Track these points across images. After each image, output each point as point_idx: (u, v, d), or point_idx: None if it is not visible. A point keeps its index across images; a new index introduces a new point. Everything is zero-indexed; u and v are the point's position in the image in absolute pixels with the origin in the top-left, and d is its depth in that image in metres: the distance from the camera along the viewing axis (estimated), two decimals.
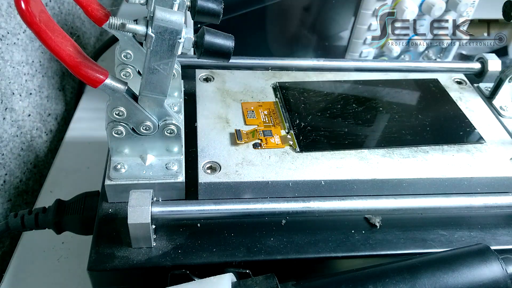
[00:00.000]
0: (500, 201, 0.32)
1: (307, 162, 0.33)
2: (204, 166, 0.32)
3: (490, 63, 0.43)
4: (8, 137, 0.43)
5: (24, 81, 0.46)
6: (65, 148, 0.51)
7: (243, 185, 0.31)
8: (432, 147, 0.35)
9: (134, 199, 0.27)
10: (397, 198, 0.31)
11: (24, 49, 0.46)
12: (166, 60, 0.26)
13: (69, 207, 0.33)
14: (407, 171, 0.33)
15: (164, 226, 0.30)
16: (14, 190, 0.45)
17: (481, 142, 0.36)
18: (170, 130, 0.30)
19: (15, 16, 0.43)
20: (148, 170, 0.30)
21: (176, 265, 0.28)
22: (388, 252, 0.30)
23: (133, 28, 0.25)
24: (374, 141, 0.35)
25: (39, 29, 0.22)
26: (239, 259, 0.28)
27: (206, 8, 0.30)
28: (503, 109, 0.41)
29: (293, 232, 0.30)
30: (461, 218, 0.33)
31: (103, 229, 0.29)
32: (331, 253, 0.29)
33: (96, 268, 0.27)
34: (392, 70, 0.44)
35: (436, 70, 0.45)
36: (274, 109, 0.38)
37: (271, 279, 0.24)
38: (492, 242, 0.30)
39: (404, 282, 0.24)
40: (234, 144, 0.34)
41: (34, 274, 0.38)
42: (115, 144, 0.30)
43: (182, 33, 0.25)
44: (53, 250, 0.40)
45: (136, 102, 0.28)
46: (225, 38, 0.27)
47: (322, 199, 0.30)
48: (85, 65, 0.25)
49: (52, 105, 0.54)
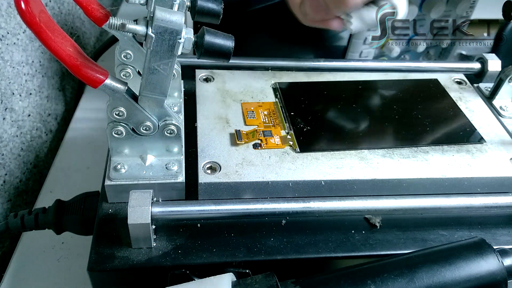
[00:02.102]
0: (500, 201, 0.32)
1: (307, 162, 0.33)
2: (204, 166, 0.32)
3: (490, 63, 0.43)
4: (8, 137, 0.43)
5: (24, 81, 0.46)
6: (65, 148, 0.51)
7: (243, 185, 0.31)
8: (432, 147, 0.35)
9: (134, 199, 0.27)
10: (397, 198, 0.31)
11: (24, 49, 0.46)
12: (166, 60, 0.26)
13: (69, 207, 0.33)
14: (407, 171, 0.33)
15: (164, 227, 0.30)
16: (14, 190, 0.45)
17: (481, 142, 0.36)
18: (170, 130, 0.30)
19: (15, 16, 0.43)
20: (148, 170, 0.30)
21: (176, 265, 0.28)
22: (388, 252, 0.30)
23: (133, 28, 0.25)
24: (374, 141, 0.35)
25: (39, 29, 0.22)
26: (239, 259, 0.28)
27: (206, 8, 0.30)
28: (503, 109, 0.41)
29: (293, 232, 0.30)
30: (461, 218, 0.33)
31: (103, 230, 0.29)
32: (331, 253, 0.29)
33: (96, 268, 0.27)
34: (392, 70, 0.44)
35: (436, 70, 0.45)
36: (274, 109, 0.38)
37: (271, 278, 0.24)
38: (492, 242, 0.29)
39: (402, 276, 0.24)
40: (234, 144, 0.34)
41: (34, 274, 0.38)
42: (115, 144, 0.30)
43: (182, 33, 0.25)
44: (53, 250, 0.40)
45: (136, 102, 0.28)
46: (225, 38, 0.27)
47: (322, 199, 0.30)
48: (85, 65, 0.25)
49: (52, 105, 0.54)
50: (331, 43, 0.57)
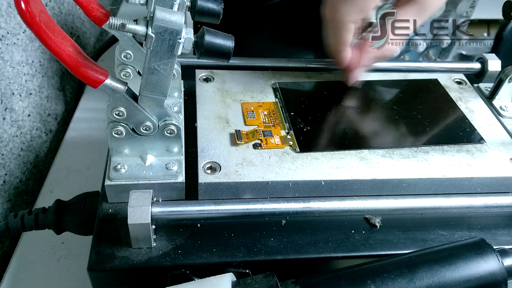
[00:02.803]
0: (500, 201, 0.32)
1: (307, 162, 0.33)
2: (204, 166, 0.32)
3: (490, 63, 0.43)
4: (8, 137, 0.43)
5: (24, 81, 0.46)
6: (65, 148, 0.51)
7: (243, 185, 0.31)
8: (432, 147, 0.35)
9: (134, 200, 0.27)
10: (397, 198, 0.31)
11: (24, 49, 0.46)
12: (166, 60, 0.26)
13: (69, 208, 0.33)
14: (407, 171, 0.33)
15: (164, 226, 0.30)
16: (14, 190, 0.45)
17: (481, 142, 0.36)
18: (170, 130, 0.30)
19: (15, 16, 0.43)
20: (148, 170, 0.30)
21: (176, 265, 0.28)
22: (388, 252, 0.30)
23: (133, 28, 0.25)
24: (374, 141, 0.35)
25: (39, 29, 0.22)
26: (239, 259, 0.28)
27: (206, 8, 0.30)
28: (503, 109, 0.41)
29: (293, 232, 0.30)
30: (461, 218, 0.33)
31: (103, 230, 0.29)
32: (331, 253, 0.29)
33: (96, 268, 0.27)
34: (392, 70, 0.44)
35: (436, 70, 0.45)
36: (274, 109, 0.38)
37: (271, 277, 0.24)
38: (492, 242, 0.29)
39: (402, 276, 0.24)
40: (234, 144, 0.34)
41: (34, 274, 0.38)
42: (115, 144, 0.30)
43: (182, 33, 0.25)
44: (53, 250, 0.40)
45: (136, 102, 0.28)
46: (225, 38, 0.27)
47: (322, 199, 0.30)
48: (85, 65, 0.25)
49: (52, 105, 0.54)
50: None
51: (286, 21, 0.53)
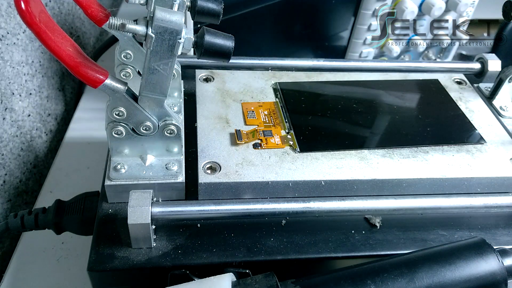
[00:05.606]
0: (500, 201, 0.32)
1: (307, 162, 0.33)
2: (204, 166, 0.32)
3: (490, 63, 0.43)
4: (8, 137, 0.43)
5: (24, 81, 0.46)
6: (65, 148, 0.51)
7: (243, 185, 0.31)
8: (432, 147, 0.35)
9: (134, 200, 0.27)
10: (397, 198, 0.31)
11: (24, 49, 0.46)
12: (166, 60, 0.26)
13: (69, 208, 0.33)
14: (407, 171, 0.33)
15: (164, 227, 0.30)
16: (14, 190, 0.45)
17: (481, 142, 0.36)
18: (170, 130, 0.30)
19: (15, 16, 0.43)
20: (148, 170, 0.30)
21: (176, 265, 0.28)
22: (388, 252, 0.30)
23: (133, 28, 0.25)
24: (374, 141, 0.35)
25: (39, 29, 0.22)
26: (239, 259, 0.28)
27: (206, 8, 0.30)
28: (503, 109, 0.41)
29: (293, 233, 0.30)
30: (461, 218, 0.33)
31: (103, 230, 0.29)
32: (331, 253, 0.29)
33: (96, 268, 0.27)
34: (392, 70, 0.44)
35: (436, 70, 0.45)
36: (274, 109, 0.38)
37: (271, 277, 0.24)
38: (492, 242, 0.29)
39: (402, 276, 0.24)
40: (234, 144, 0.34)
41: (34, 274, 0.38)
42: (115, 144, 0.30)
43: (182, 33, 0.25)
44: (53, 250, 0.40)
45: (136, 102, 0.28)
46: (225, 38, 0.27)
47: (322, 199, 0.30)
48: (85, 65, 0.25)
49: (52, 105, 0.54)
50: (331, 43, 0.57)
51: (286, 21, 0.54)
